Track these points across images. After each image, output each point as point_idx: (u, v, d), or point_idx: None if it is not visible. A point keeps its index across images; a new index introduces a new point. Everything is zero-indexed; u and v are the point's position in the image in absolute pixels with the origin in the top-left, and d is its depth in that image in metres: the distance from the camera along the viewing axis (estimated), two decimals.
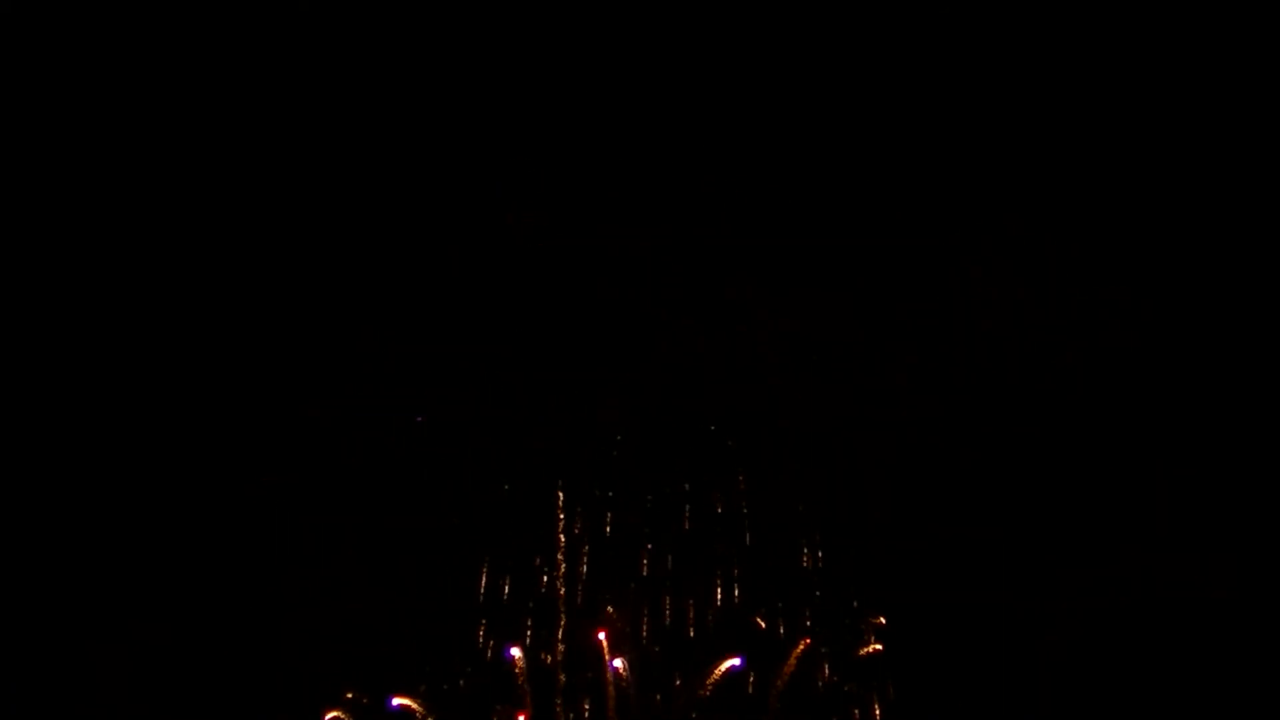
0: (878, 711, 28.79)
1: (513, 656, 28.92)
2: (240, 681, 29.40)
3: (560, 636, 29.03)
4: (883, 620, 29.07)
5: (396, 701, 28.65)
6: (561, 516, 29.65)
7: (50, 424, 29.87)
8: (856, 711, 28.85)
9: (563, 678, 28.92)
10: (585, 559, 29.64)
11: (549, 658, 29.02)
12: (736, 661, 28.67)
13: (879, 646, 28.93)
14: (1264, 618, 28.37)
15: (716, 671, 28.56)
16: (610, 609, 29.04)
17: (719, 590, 29.40)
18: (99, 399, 30.07)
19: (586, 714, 28.84)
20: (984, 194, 30.52)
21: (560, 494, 29.70)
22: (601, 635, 28.71)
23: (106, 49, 30.12)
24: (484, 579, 29.52)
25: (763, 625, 29.24)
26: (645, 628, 29.25)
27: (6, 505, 29.29)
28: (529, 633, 29.15)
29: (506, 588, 29.56)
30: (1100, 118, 30.46)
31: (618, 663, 28.81)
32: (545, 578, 29.50)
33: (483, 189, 30.94)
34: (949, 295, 30.78)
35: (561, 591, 29.32)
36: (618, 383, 30.42)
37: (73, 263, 30.29)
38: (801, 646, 28.83)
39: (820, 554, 29.65)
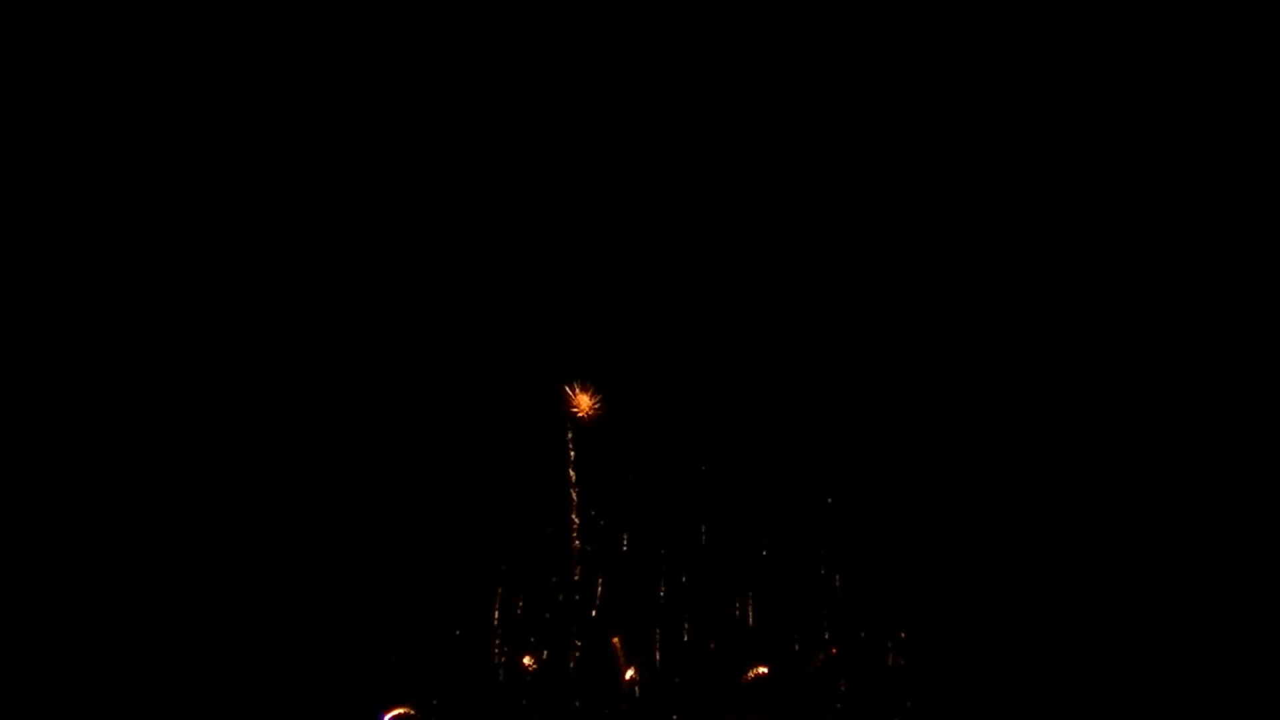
0: None
1: (523, 665, 29.04)
2: (240, 682, 29.35)
3: (572, 645, 29.14)
4: (903, 634, 29.17)
5: (390, 716, 28.74)
6: (575, 520, 29.75)
7: (50, 424, 29.84)
8: None
9: (576, 687, 29.04)
10: (584, 562, 29.73)
11: (550, 654, 29.11)
12: (763, 670, 28.80)
13: (901, 661, 29.01)
14: (1265, 620, 28.37)
15: (746, 677, 28.69)
16: (621, 617, 29.19)
17: (735, 602, 29.50)
18: (98, 398, 30.04)
19: None
20: (984, 194, 30.55)
21: (573, 496, 29.84)
22: (615, 641, 28.87)
23: (106, 49, 30.18)
24: (488, 585, 29.59)
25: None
26: (658, 637, 29.38)
27: (7, 505, 29.28)
28: (541, 642, 29.31)
29: (511, 594, 29.63)
30: (1100, 118, 30.50)
31: (630, 673, 28.92)
32: (553, 582, 29.59)
33: (483, 189, 30.99)
34: (949, 295, 30.78)
35: (576, 597, 29.45)
36: (618, 383, 30.42)
37: (71, 262, 30.30)
38: (821, 659, 28.91)
39: (832, 563, 29.71)
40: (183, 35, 30.31)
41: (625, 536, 29.87)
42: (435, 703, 28.99)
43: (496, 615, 29.53)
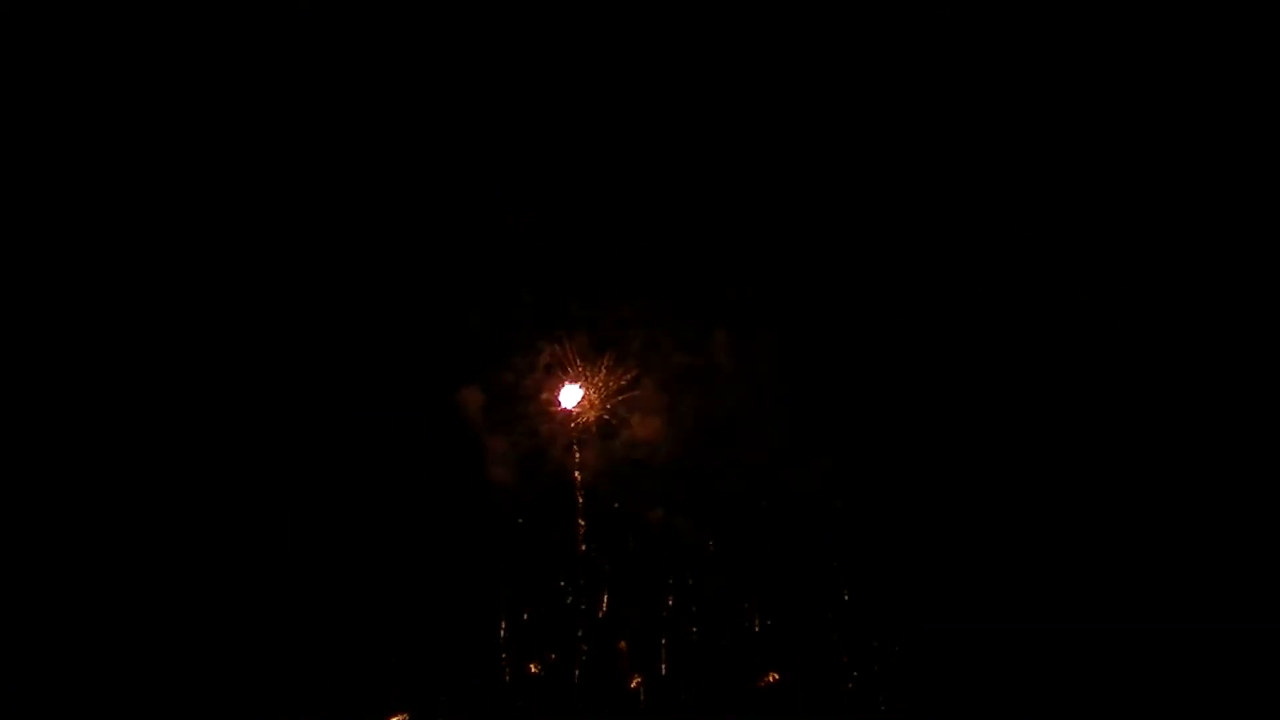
0: None
1: (528, 669, 29.09)
2: (240, 682, 29.37)
3: (578, 650, 29.20)
4: (904, 635, 29.30)
5: None
6: (580, 524, 29.80)
7: (50, 424, 29.82)
8: None
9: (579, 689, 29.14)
10: (589, 566, 29.79)
11: (556, 659, 29.18)
12: (775, 676, 28.91)
13: (902, 662, 29.13)
14: (1265, 620, 28.47)
15: (759, 683, 28.81)
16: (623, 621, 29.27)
17: (739, 604, 29.57)
18: (98, 399, 30.03)
19: None
20: (984, 194, 30.58)
21: (577, 499, 29.87)
22: (621, 646, 28.95)
23: (106, 48, 30.14)
24: (492, 588, 29.63)
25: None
26: (664, 643, 29.46)
27: (7, 505, 29.26)
28: (546, 646, 29.36)
29: (516, 598, 29.68)
30: (1100, 118, 30.53)
31: (635, 678, 29.01)
32: (558, 586, 29.64)
33: (483, 189, 30.98)
34: (949, 295, 30.81)
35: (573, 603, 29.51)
36: (618, 383, 30.43)
37: (70, 262, 30.28)
38: (828, 665, 29.02)
39: (833, 564, 29.79)
40: (182, 35, 30.27)
41: (629, 539, 29.92)
42: (437, 705, 29.03)
43: (501, 619, 29.55)
